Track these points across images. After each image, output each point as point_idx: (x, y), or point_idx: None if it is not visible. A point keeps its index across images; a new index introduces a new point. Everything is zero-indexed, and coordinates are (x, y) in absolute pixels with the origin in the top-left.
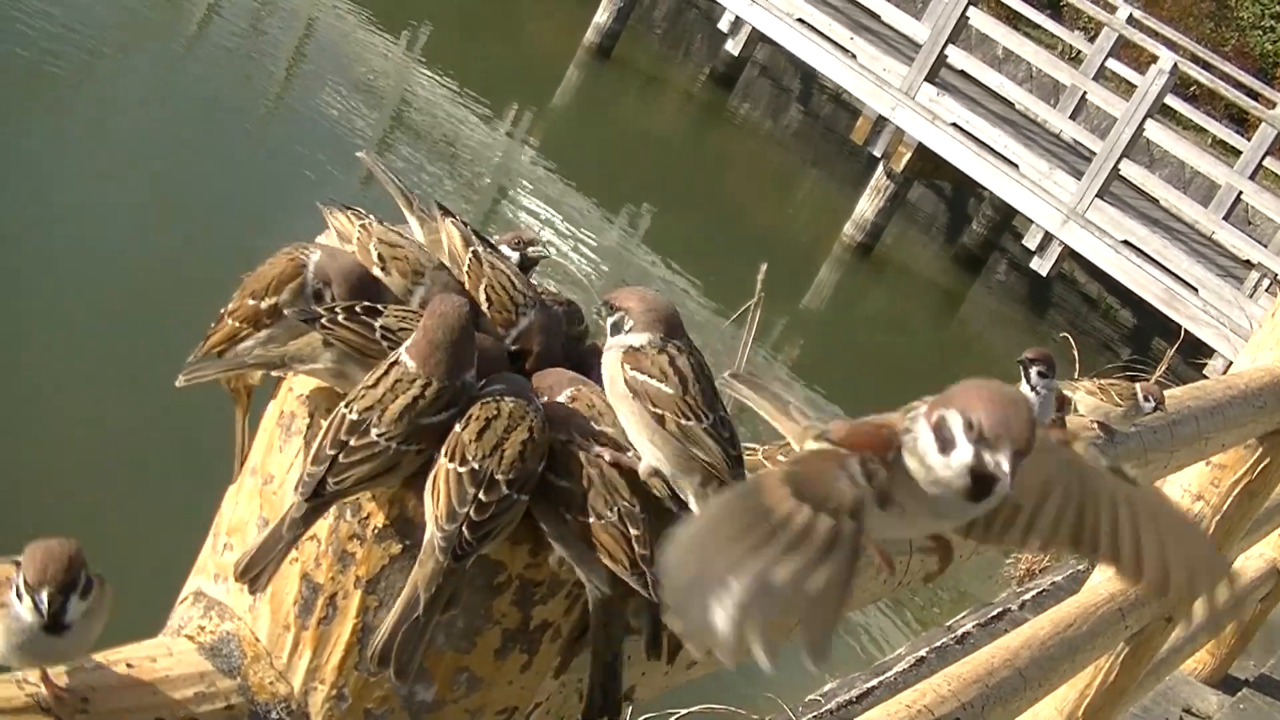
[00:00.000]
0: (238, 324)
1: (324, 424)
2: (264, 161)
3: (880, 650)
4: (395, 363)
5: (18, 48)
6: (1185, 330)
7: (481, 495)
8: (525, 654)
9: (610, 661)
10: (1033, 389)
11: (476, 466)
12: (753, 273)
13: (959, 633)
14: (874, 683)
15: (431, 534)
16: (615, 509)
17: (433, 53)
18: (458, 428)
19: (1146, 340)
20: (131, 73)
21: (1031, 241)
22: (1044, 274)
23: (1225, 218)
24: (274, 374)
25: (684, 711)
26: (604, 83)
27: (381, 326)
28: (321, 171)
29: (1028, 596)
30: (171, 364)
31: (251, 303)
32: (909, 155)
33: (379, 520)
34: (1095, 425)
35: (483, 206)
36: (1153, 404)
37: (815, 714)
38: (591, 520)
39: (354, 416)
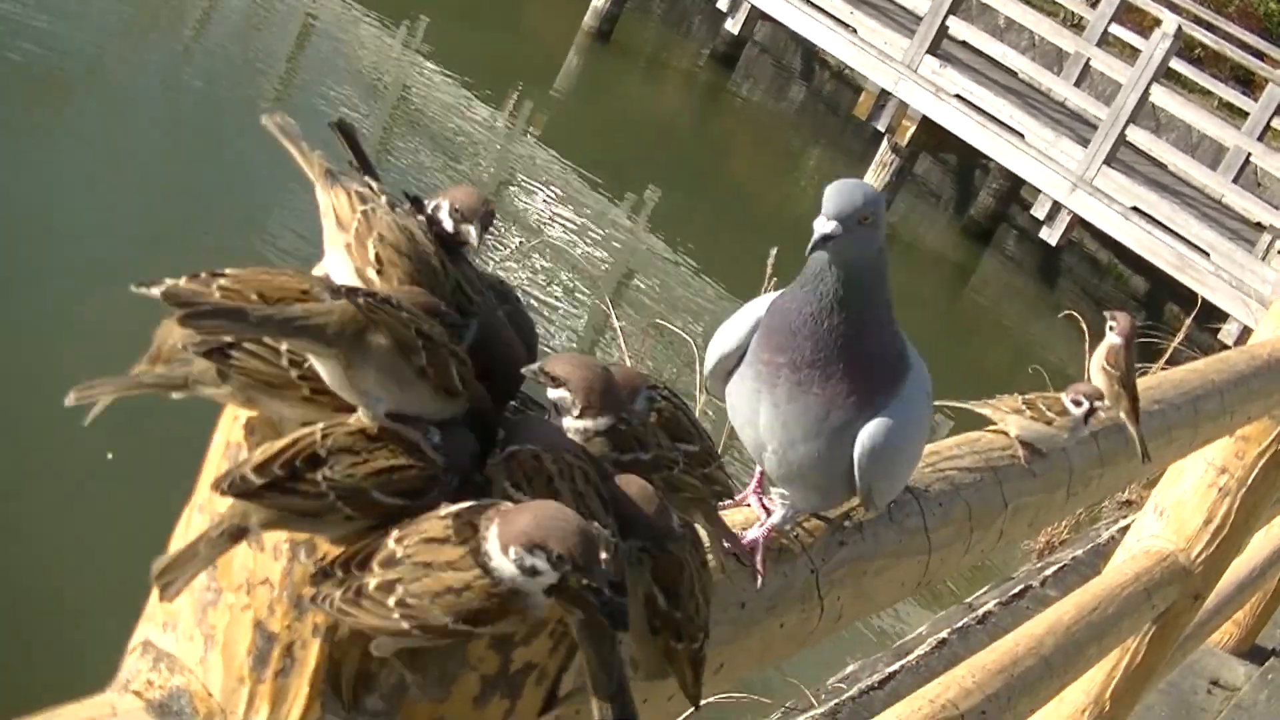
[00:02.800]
0: None
1: (293, 437)
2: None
3: (900, 627)
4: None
5: (15, 55)
6: (1202, 299)
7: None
8: (507, 699)
9: (615, 694)
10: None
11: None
12: (760, 253)
13: (980, 612)
14: (896, 667)
15: None
16: None
17: (432, 42)
18: (392, 542)
19: (1158, 306)
20: (131, 74)
21: (1040, 211)
22: (1053, 243)
23: (1234, 180)
24: (175, 396)
25: (703, 701)
26: (604, 67)
27: (288, 351)
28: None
29: (1049, 573)
30: None
31: (253, 299)
32: (913, 129)
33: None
34: (1019, 446)
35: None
36: (1086, 405)
37: (837, 701)
38: None
39: (321, 451)
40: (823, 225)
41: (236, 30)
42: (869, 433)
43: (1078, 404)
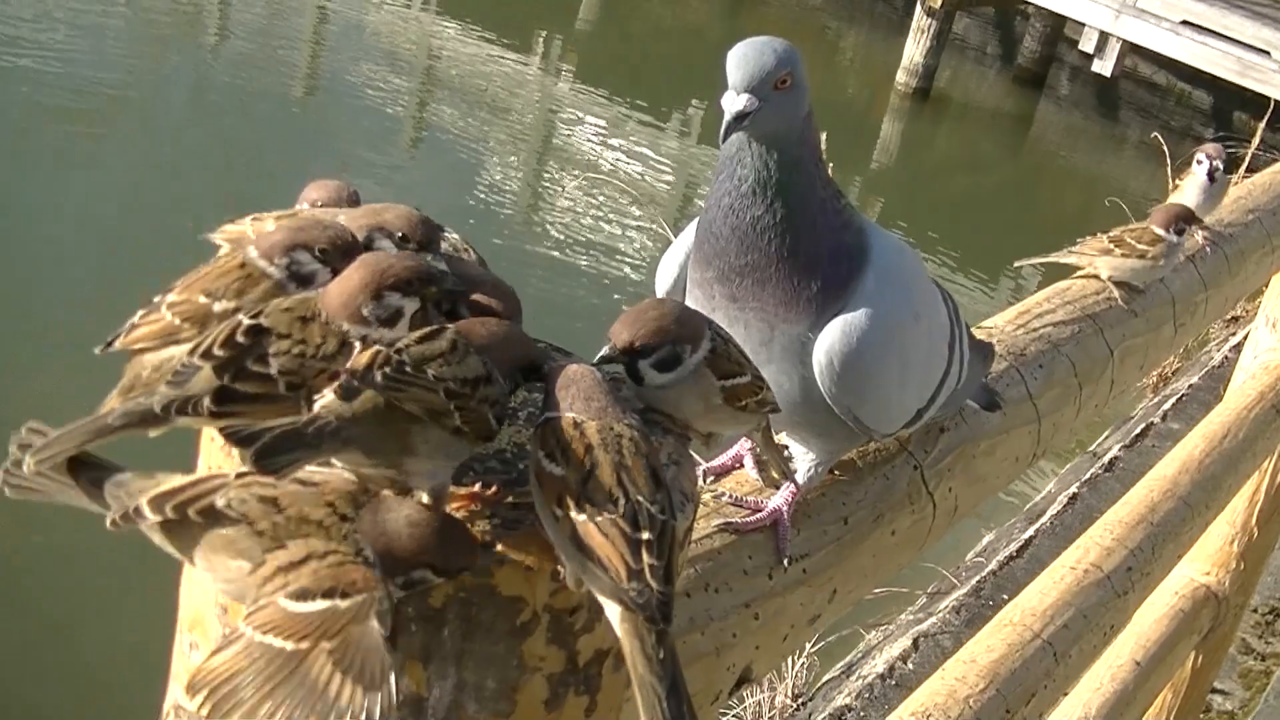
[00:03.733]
0: (179, 321)
1: (198, 479)
2: (306, 144)
3: (1028, 487)
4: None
5: (46, 84)
6: (1272, 100)
7: None
8: (585, 695)
9: (667, 692)
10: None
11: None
12: None
13: (1106, 459)
14: (1031, 531)
15: None
16: (620, 502)
17: (446, 2)
18: None
19: (1227, 117)
20: (164, 85)
21: (1088, 45)
22: (1108, 75)
23: None
24: (152, 434)
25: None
26: None
27: (283, 374)
28: (364, 144)
29: (1167, 406)
30: None
31: (204, 300)
32: None
33: None
34: (1113, 287)
35: (534, 144)
36: (1182, 230)
37: (978, 577)
38: (583, 516)
39: (220, 502)
40: (732, 101)
41: (255, 29)
42: (825, 347)
43: (1175, 231)
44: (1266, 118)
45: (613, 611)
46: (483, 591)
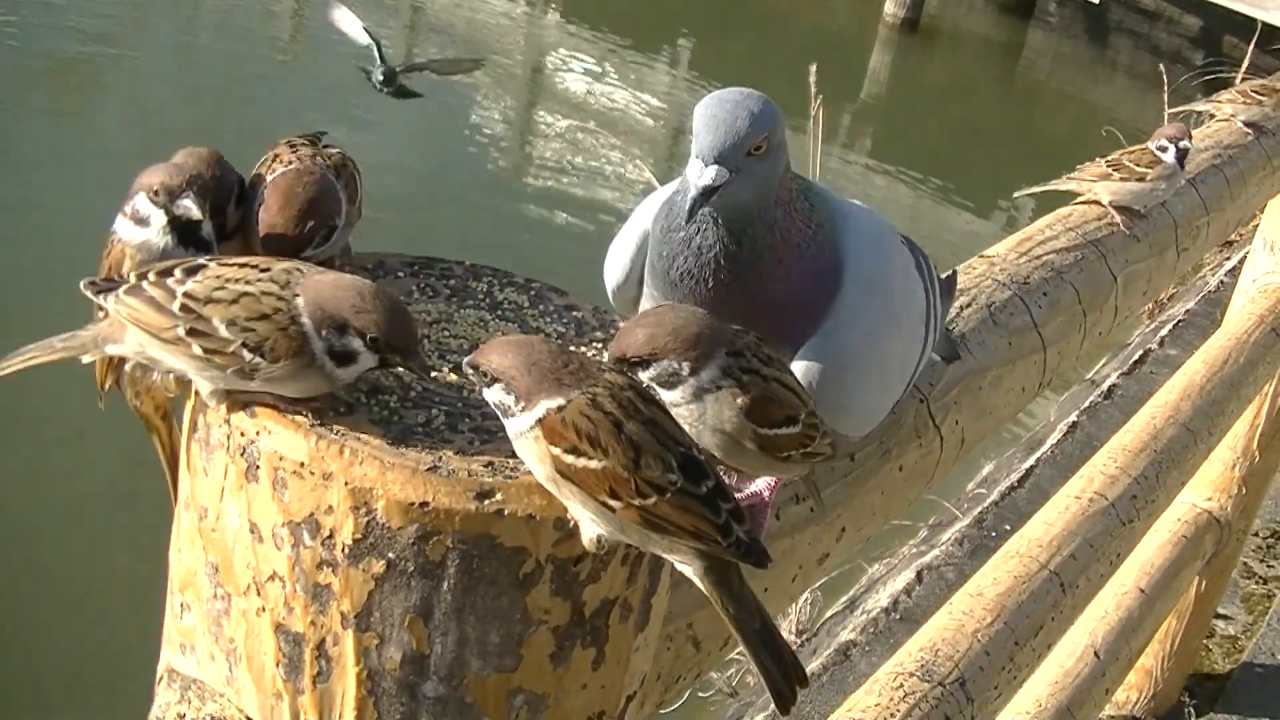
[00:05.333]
0: None
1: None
2: (293, 92)
3: (1027, 415)
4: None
5: (37, 41)
6: (1260, 22)
7: None
8: (592, 647)
9: (760, 629)
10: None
11: None
12: (805, 78)
13: (1104, 386)
14: (1032, 461)
15: None
16: (673, 465)
17: None
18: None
19: (1217, 41)
20: (154, 37)
21: None
22: (1096, 0)
23: None
24: (85, 360)
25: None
26: None
27: (185, 293)
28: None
29: (1165, 332)
30: None
31: None
32: None
33: (347, 535)
34: (1114, 212)
35: (523, 86)
36: (1179, 147)
37: (980, 508)
38: (652, 500)
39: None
40: (699, 174)
41: None
42: (801, 372)
43: (1164, 150)
44: (1254, 40)
45: (690, 567)
46: (484, 543)
